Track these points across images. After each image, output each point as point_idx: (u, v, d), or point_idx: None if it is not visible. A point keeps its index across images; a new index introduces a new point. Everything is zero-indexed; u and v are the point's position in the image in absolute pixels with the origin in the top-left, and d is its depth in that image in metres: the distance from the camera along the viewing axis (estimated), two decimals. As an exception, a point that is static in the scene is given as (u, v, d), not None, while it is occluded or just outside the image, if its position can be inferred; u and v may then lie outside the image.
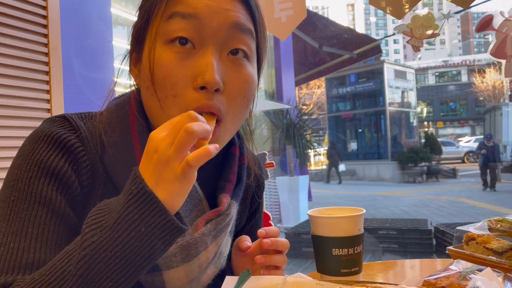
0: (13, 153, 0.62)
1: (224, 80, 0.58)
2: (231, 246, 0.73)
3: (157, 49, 0.58)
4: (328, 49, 7.54)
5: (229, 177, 0.69)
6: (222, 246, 0.67)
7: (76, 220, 0.57)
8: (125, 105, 0.65)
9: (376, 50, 7.89)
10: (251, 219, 0.84)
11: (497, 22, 1.64)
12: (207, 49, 0.57)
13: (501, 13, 1.64)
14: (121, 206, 0.47)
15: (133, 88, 0.69)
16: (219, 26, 0.57)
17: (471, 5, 1.65)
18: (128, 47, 0.66)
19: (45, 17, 1.83)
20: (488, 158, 10.71)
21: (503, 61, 1.65)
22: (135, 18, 0.65)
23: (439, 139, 19.47)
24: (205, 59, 0.56)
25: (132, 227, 0.46)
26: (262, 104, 6.11)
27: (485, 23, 1.59)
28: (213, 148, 0.47)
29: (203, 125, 0.48)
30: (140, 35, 0.61)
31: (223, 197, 0.66)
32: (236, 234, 0.78)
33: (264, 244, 0.65)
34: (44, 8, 1.83)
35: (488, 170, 10.74)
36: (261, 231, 0.67)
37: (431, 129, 36.51)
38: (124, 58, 0.67)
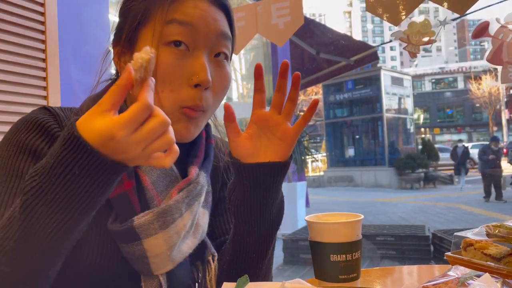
0: None
1: (212, 79, 0.67)
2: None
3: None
4: (325, 55, 7.57)
5: (197, 153, 0.75)
6: (199, 218, 0.72)
7: None
8: (99, 97, 0.71)
9: (373, 57, 7.93)
10: (224, 201, 0.86)
11: (493, 28, 1.65)
12: (200, 52, 0.67)
13: (497, 20, 1.65)
14: (55, 152, 0.50)
15: (108, 81, 0.78)
16: (210, 33, 0.67)
17: (467, 12, 1.67)
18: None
19: (43, 23, 1.83)
20: (494, 164, 9.92)
21: (499, 68, 1.66)
22: (117, 17, 0.72)
23: (436, 146, 19.52)
24: (200, 61, 0.66)
25: (67, 170, 0.49)
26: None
27: (482, 30, 1.60)
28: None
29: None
30: (132, 34, 0.68)
31: (192, 168, 0.72)
32: (213, 211, 0.81)
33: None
34: (42, 14, 1.83)
35: (492, 179, 9.76)
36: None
37: (428, 135, 36.66)
38: (107, 52, 0.76)
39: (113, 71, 0.80)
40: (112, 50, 0.74)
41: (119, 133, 0.47)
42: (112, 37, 0.73)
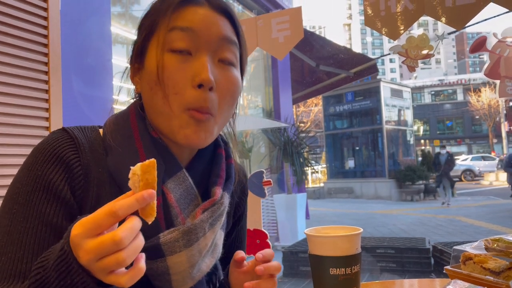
0: (12, 171, 0.66)
1: (215, 81, 0.68)
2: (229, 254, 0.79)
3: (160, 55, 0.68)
4: (325, 68, 7.62)
5: (219, 173, 0.76)
6: (217, 238, 0.73)
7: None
8: (125, 115, 0.74)
9: (372, 69, 7.99)
10: (236, 224, 0.90)
11: (490, 43, 1.67)
12: (202, 55, 0.68)
13: (494, 35, 1.68)
14: (56, 255, 0.51)
15: (131, 100, 0.79)
16: (211, 37, 0.69)
17: (465, 25, 1.69)
18: (127, 64, 0.77)
19: (45, 36, 1.85)
20: None
21: (497, 81, 1.67)
22: (135, 37, 0.75)
23: (436, 157, 19.47)
24: (201, 62, 0.67)
25: (62, 277, 0.50)
26: (259, 122, 6.14)
27: (479, 45, 1.62)
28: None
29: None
30: (142, 47, 0.71)
31: (216, 189, 0.74)
32: (225, 238, 0.82)
33: (257, 271, 0.70)
34: (45, 27, 1.85)
35: None
36: (258, 255, 0.71)
37: (428, 147, 36.62)
38: (126, 70, 0.77)
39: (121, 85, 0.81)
40: (129, 67, 0.76)
41: (75, 231, 0.49)
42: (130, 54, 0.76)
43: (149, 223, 0.51)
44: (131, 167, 0.51)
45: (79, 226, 0.48)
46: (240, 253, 0.75)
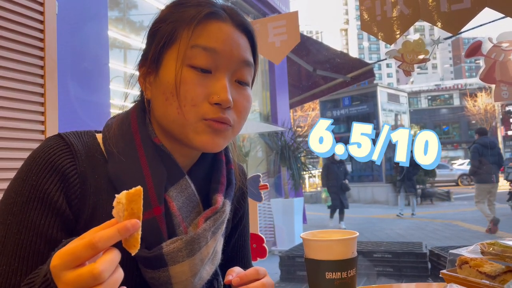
0: (7, 174, 0.65)
1: (233, 99, 0.69)
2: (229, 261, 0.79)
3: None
4: (322, 72, 7.65)
5: (220, 179, 0.76)
6: (217, 245, 0.73)
7: (66, 237, 0.62)
8: (127, 120, 0.73)
9: (369, 74, 8.02)
10: (237, 227, 0.89)
11: (485, 48, 1.68)
12: (222, 74, 0.69)
13: (490, 39, 1.69)
14: (40, 280, 0.50)
15: (133, 103, 0.77)
16: (232, 59, 0.70)
17: (461, 31, 1.70)
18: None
19: (42, 40, 1.85)
20: None
21: (493, 86, 1.68)
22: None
23: (432, 162, 19.46)
24: (221, 83, 0.68)
25: None
26: (257, 126, 6.15)
27: (474, 49, 1.63)
28: None
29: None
30: (159, 54, 0.70)
31: (218, 196, 0.73)
32: (225, 243, 0.81)
33: None
34: (41, 31, 1.85)
35: None
36: (236, 279, 0.66)
37: (424, 151, 36.59)
38: (132, 76, 0.76)
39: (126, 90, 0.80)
40: (137, 73, 0.75)
41: (54, 262, 0.47)
42: (138, 58, 0.75)
43: (132, 254, 0.50)
44: (116, 195, 0.49)
45: (58, 257, 0.47)
46: (227, 276, 0.69)
